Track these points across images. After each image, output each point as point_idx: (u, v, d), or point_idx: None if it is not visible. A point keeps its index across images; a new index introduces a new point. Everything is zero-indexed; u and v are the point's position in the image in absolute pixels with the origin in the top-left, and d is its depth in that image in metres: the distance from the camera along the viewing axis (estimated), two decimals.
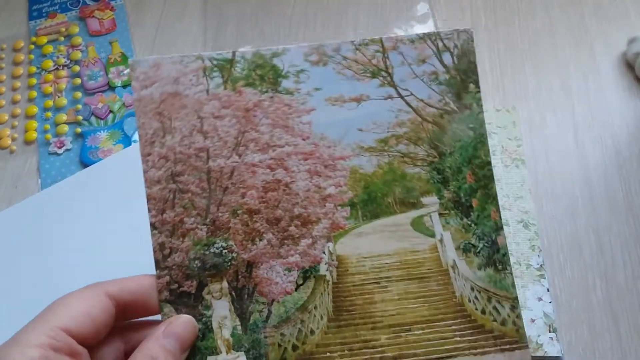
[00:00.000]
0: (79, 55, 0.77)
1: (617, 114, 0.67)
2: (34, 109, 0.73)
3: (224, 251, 0.40)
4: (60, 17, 0.80)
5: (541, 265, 0.56)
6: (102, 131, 0.70)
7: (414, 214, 0.42)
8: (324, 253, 0.41)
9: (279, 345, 0.40)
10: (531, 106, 0.68)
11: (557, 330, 0.53)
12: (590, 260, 0.58)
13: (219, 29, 0.78)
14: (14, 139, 0.71)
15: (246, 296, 0.41)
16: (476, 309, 0.41)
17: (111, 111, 0.72)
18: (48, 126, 0.72)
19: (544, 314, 0.53)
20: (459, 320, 0.41)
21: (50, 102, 0.73)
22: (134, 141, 0.69)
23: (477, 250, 0.42)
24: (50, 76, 0.75)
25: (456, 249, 0.42)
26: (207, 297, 0.40)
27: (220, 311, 0.40)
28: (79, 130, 0.71)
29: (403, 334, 0.41)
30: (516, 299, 0.41)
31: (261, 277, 0.41)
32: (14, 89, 0.75)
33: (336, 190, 0.42)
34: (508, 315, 0.41)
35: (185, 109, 0.41)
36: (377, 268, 0.42)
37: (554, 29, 0.73)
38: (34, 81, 0.75)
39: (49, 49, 0.77)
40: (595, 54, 0.71)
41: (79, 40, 0.78)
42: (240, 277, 0.41)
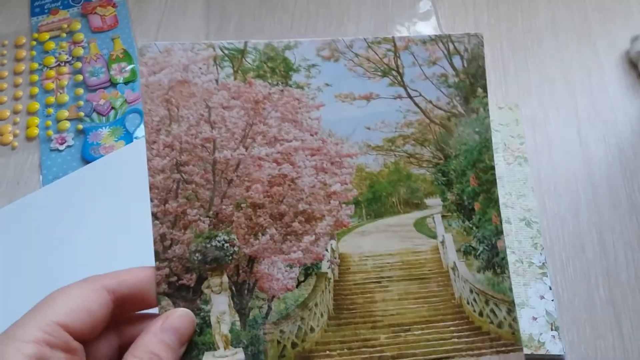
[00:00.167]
0: (80, 51, 0.77)
1: (620, 112, 0.67)
2: (36, 106, 0.73)
3: (225, 245, 0.40)
4: (62, 14, 0.80)
5: (543, 264, 0.56)
6: (103, 128, 0.70)
7: (417, 214, 0.43)
8: (327, 250, 0.41)
9: (278, 342, 0.40)
10: (534, 103, 0.68)
11: (559, 328, 0.53)
12: (593, 258, 0.58)
13: (221, 25, 0.78)
14: (15, 135, 0.71)
15: (246, 291, 0.40)
16: (474, 311, 0.42)
17: (113, 108, 0.72)
18: (50, 122, 0.71)
19: (546, 312, 0.53)
20: (457, 322, 0.41)
21: (52, 99, 0.73)
22: (136, 138, 0.69)
23: (477, 253, 0.42)
24: (52, 73, 0.75)
25: (457, 251, 0.42)
26: (207, 291, 0.39)
27: (219, 306, 0.39)
28: (80, 126, 0.70)
29: (402, 334, 0.41)
30: (513, 302, 0.42)
31: (262, 272, 0.40)
32: (16, 86, 0.75)
33: (341, 188, 0.41)
34: (504, 318, 0.41)
35: (194, 97, 0.39)
36: (379, 267, 0.42)
37: (557, 26, 0.73)
38: (35, 78, 0.75)
39: (51, 45, 0.77)
40: (598, 51, 0.71)
41: (80, 36, 0.78)
42: (241, 271, 0.40)
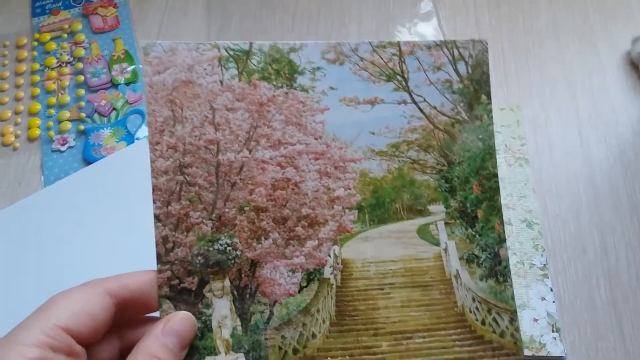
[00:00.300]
0: (82, 52, 0.76)
1: (621, 113, 0.67)
2: (37, 106, 0.72)
3: (228, 248, 0.39)
4: (64, 14, 0.80)
5: (545, 265, 0.56)
6: (105, 128, 0.70)
7: (420, 221, 0.42)
8: (330, 256, 0.41)
9: (279, 348, 0.39)
10: (535, 105, 0.68)
11: (561, 330, 0.53)
12: (594, 260, 0.58)
13: (222, 26, 0.77)
14: (17, 136, 0.71)
15: (248, 296, 0.40)
16: (476, 319, 0.41)
17: (114, 108, 0.71)
18: (51, 123, 0.71)
19: (547, 313, 0.53)
20: (459, 330, 0.41)
21: (53, 99, 0.73)
22: (137, 139, 0.69)
23: (480, 262, 0.42)
24: (54, 73, 0.75)
25: (460, 258, 0.42)
26: (208, 295, 0.39)
27: (221, 310, 0.39)
28: (82, 127, 0.70)
29: (404, 342, 0.40)
30: (515, 311, 0.41)
31: (264, 277, 0.40)
32: (17, 86, 0.75)
33: (345, 193, 0.41)
34: (507, 328, 0.41)
35: (198, 98, 0.39)
36: (382, 274, 0.41)
37: (558, 27, 0.74)
38: (37, 78, 0.75)
39: (52, 46, 0.77)
40: (599, 52, 0.71)
41: (82, 37, 0.77)
42: (243, 276, 0.39)
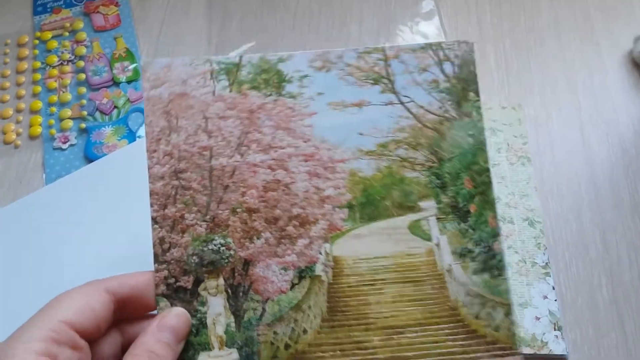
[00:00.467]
0: (83, 50, 0.76)
1: (623, 112, 0.66)
2: (39, 104, 0.72)
3: (221, 248, 0.41)
4: (65, 13, 0.80)
5: (547, 263, 0.55)
6: (106, 126, 0.70)
7: (411, 217, 0.43)
8: (321, 254, 0.42)
9: (271, 344, 0.40)
10: (537, 103, 0.67)
11: (562, 328, 0.52)
12: (596, 258, 0.57)
13: (224, 24, 0.77)
14: (18, 134, 0.71)
15: (241, 294, 0.41)
16: (470, 313, 0.41)
17: (116, 106, 0.72)
18: (53, 121, 0.71)
19: (549, 312, 0.52)
20: (452, 325, 0.41)
21: (54, 98, 0.73)
22: (139, 137, 0.69)
23: (473, 256, 0.42)
24: (55, 71, 0.75)
25: (452, 253, 0.42)
26: (203, 293, 0.41)
27: (215, 308, 0.41)
28: (83, 125, 0.70)
29: (396, 337, 0.40)
30: (510, 305, 0.41)
31: (257, 275, 0.41)
32: (19, 84, 0.75)
33: (335, 192, 0.42)
34: (502, 322, 0.40)
35: (192, 109, 0.42)
36: (373, 270, 0.42)
37: (559, 25, 0.73)
38: (38, 76, 0.75)
39: (54, 44, 0.77)
40: (601, 51, 0.71)
41: (83, 35, 0.77)
42: (236, 274, 0.41)
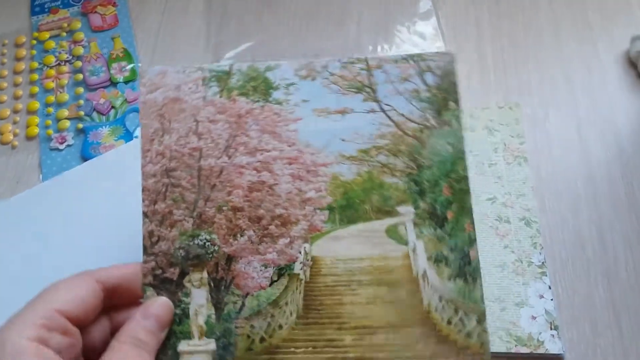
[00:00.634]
0: (81, 50, 0.76)
1: (620, 111, 0.66)
2: (36, 105, 0.73)
3: (207, 243, 0.43)
4: (63, 13, 0.80)
5: (543, 263, 0.55)
6: (103, 127, 0.70)
7: (389, 221, 0.44)
8: (300, 253, 0.43)
9: (248, 337, 0.42)
10: (534, 102, 0.68)
11: (559, 327, 0.52)
12: (593, 257, 0.57)
13: (222, 24, 0.77)
14: (15, 135, 0.71)
15: (223, 287, 0.43)
16: (442, 319, 0.41)
17: (113, 107, 0.72)
18: (50, 122, 0.71)
19: (546, 311, 0.52)
20: (423, 329, 0.41)
21: (52, 98, 0.73)
22: (136, 137, 0.69)
23: (449, 262, 0.42)
24: (52, 72, 0.75)
25: (428, 258, 0.42)
26: (188, 285, 0.43)
27: (198, 299, 0.43)
28: (80, 125, 0.70)
29: (367, 337, 0.41)
30: (484, 312, 0.41)
31: (239, 270, 0.43)
32: (16, 85, 0.75)
33: (316, 195, 0.44)
34: (474, 328, 0.41)
35: (184, 112, 0.45)
36: (350, 271, 0.43)
37: (557, 25, 0.73)
38: (35, 77, 0.75)
39: (51, 44, 0.77)
40: (598, 51, 0.71)
41: (81, 35, 0.77)
42: (219, 269, 0.43)
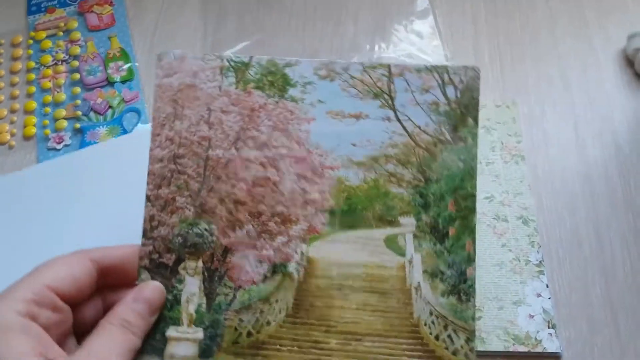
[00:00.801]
0: (77, 50, 0.76)
1: (617, 109, 0.66)
2: (33, 105, 0.72)
3: (205, 233, 0.44)
4: (59, 12, 0.80)
5: (540, 261, 0.55)
6: (101, 126, 0.70)
7: (389, 231, 0.43)
8: (296, 253, 0.43)
9: (235, 329, 0.42)
10: (531, 100, 0.68)
11: (556, 326, 0.53)
12: (590, 256, 0.57)
13: (219, 23, 0.77)
14: (12, 135, 0.71)
15: (217, 278, 0.43)
16: (430, 333, 0.41)
17: (110, 107, 0.72)
18: (47, 121, 0.71)
19: (543, 309, 0.53)
20: (410, 341, 0.41)
21: (49, 98, 0.73)
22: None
23: (444, 277, 0.42)
24: (49, 71, 0.75)
25: (423, 272, 0.42)
26: (182, 272, 0.43)
27: (191, 287, 0.43)
28: (78, 125, 0.70)
29: (353, 343, 0.41)
30: (473, 332, 0.40)
31: (234, 263, 0.43)
32: (13, 84, 0.75)
33: (319, 197, 0.44)
34: (461, 347, 0.40)
35: (198, 100, 0.45)
36: (343, 276, 0.43)
37: (554, 22, 0.73)
38: (32, 76, 0.74)
39: (48, 44, 0.77)
40: (595, 49, 0.71)
41: (77, 35, 0.77)
42: (215, 259, 0.43)
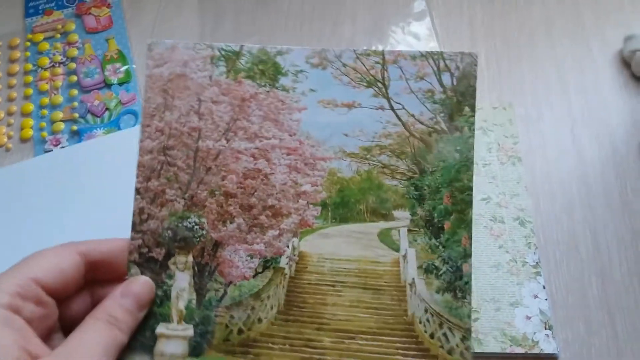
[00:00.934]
0: (75, 52, 0.76)
1: (613, 111, 0.66)
2: (30, 107, 0.73)
3: (195, 227, 0.43)
4: (57, 14, 0.80)
5: (537, 263, 0.55)
6: (98, 129, 0.70)
7: (383, 225, 0.42)
8: (288, 247, 0.42)
9: (226, 326, 0.41)
10: (528, 102, 0.67)
11: (553, 327, 0.52)
12: (587, 257, 0.57)
13: (216, 25, 0.77)
14: (10, 137, 0.71)
15: (207, 273, 0.42)
16: (425, 331, 0.40)
17: (107, 109, 0.72)
18: (44, 124, 0.71)
19: (540, 311, 0.52)
20: (405, 339, 0.40)
21: (46, 100, 0.73)
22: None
23: (440, 273, 0.40)
24: (47, 73, 0.75)
25: (418, 267, 0.41)
26: (172, 267, 0.42)
27: (181, 283, 0.42)
28: (75, 127, 0.70)
29: (346, 341, 0.40)
30: (469, 330, 0.39)
31: (224, 258, 0.42)
32: (10, 87, 0.75)
33: (311, 189, 0.43)
34: (457, 345, 0.39)
35: (188, 90, 0.44)
36: (335, 271, 0.42)
37: (551, 25, 0.73)
38: (30, 79, 0.75)
39: (45, 46, 0.77)
40: (592, 51, 0.70)
41: (75, 37, 0.77)
42: (205, 254, 0.42)
